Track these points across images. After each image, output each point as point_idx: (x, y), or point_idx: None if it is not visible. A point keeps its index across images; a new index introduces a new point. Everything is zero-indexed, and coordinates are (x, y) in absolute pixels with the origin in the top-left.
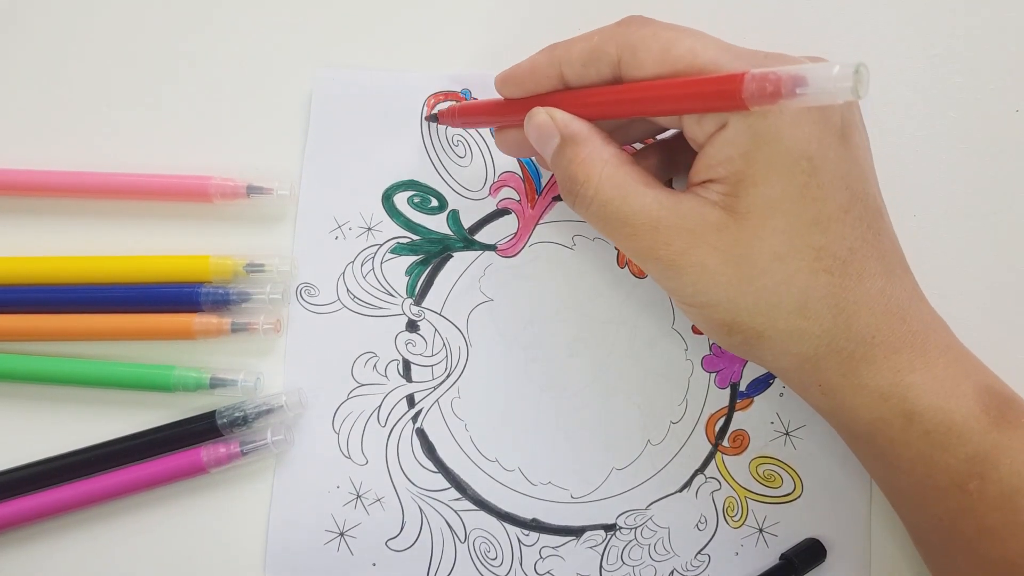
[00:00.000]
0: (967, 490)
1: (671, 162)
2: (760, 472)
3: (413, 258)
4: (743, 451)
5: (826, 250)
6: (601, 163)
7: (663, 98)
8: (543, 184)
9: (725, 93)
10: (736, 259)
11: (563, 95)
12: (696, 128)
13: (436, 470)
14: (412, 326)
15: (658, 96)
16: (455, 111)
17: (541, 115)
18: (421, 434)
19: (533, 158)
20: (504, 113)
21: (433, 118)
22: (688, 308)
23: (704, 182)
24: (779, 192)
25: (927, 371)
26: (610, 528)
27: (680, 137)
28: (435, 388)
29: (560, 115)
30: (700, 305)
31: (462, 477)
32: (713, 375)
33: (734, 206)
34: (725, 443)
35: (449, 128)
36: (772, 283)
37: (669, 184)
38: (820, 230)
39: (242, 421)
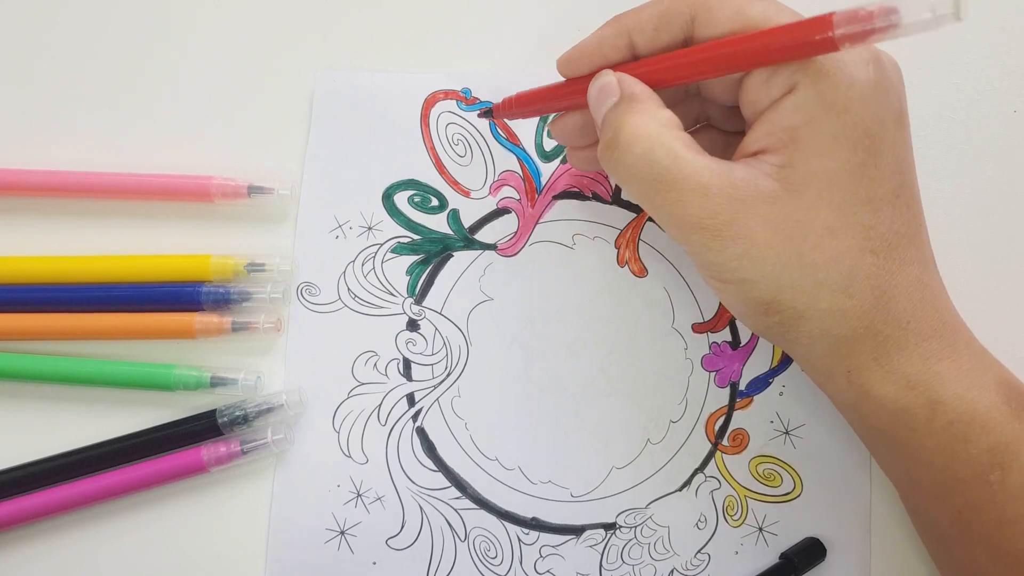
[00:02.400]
0: (988, 481)
1: (720, 143)
2: (760, 471)
3: (414, 257)
4: (743, 450)
5: (875, 230)
6: (655, 122)
7: (748, 52)
8: (543, 183)
9: (815, 33)
10: (787, 233)
11: (632, 65)
12: (761, 92)
13: (436, 469)
14: (412, 325)
15: (742, 50)
16: (512, 101)
17: (609, 76)
18: (421, 433)
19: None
20: (566, 95)
21: (487, 113)
22: (724, 286)
23: (756, 153)
24: (839, 166)
25: (954, 361)
26: (610, 527)
27: (708, 128)
28: (435, 387)
29: (627, 77)
30: (740, 281)
31: (462, 476)
32: (713, 374)
33: (789, 178)
34: (725, 442)
35: (449, 127)
36: (822, 259)
37: None
38: (871, 210)
39: (242, 420)
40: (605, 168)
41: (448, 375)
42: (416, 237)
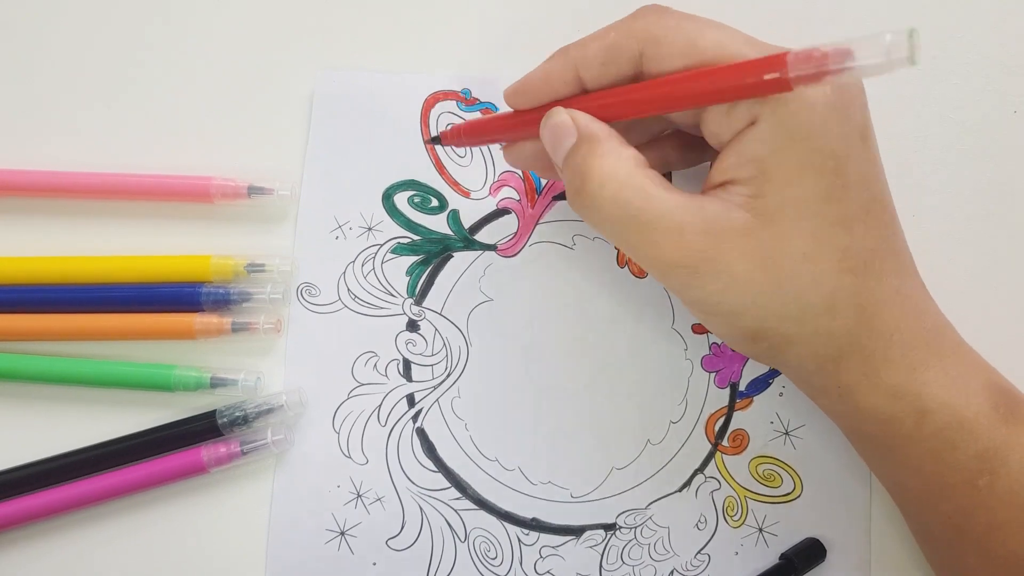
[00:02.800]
0: (977, 486)
1: (668, 158)
2: (760, 472)
3: (414, 258)
4: (743, 451)
5: (850, 250)
6: (621, 163)
7: (699, 91)
8: (543, 184)
9: (768, 72)
10: (764, 263)
11: (582, 99)
12: (723, 125)
13: (436, 469)
14: (412, 326)
15: (693, 89)
16: (460, 130)
17: (561, 115)
18: (421, 433)
19: (534, 171)
20: (516, 127)
21: (435, 140)
22: (711, 318)
23: (724, 183)
24: (808, 192)
25: (941, 368)
26: (610, 528)
27: (678, 133)
28: (435, 388)
29: (581, 115)
30: (725, 314)
31: (462, 476)
32: (713, 375)
33: (761, 208)
34: (725, 443)
35: (450, 127)
36: (801, 286)
37: (668, 178)
38: (844, 230)
39: (242, 421)
40: (576, 212)
41: (448, 376)
42: (416, 238)
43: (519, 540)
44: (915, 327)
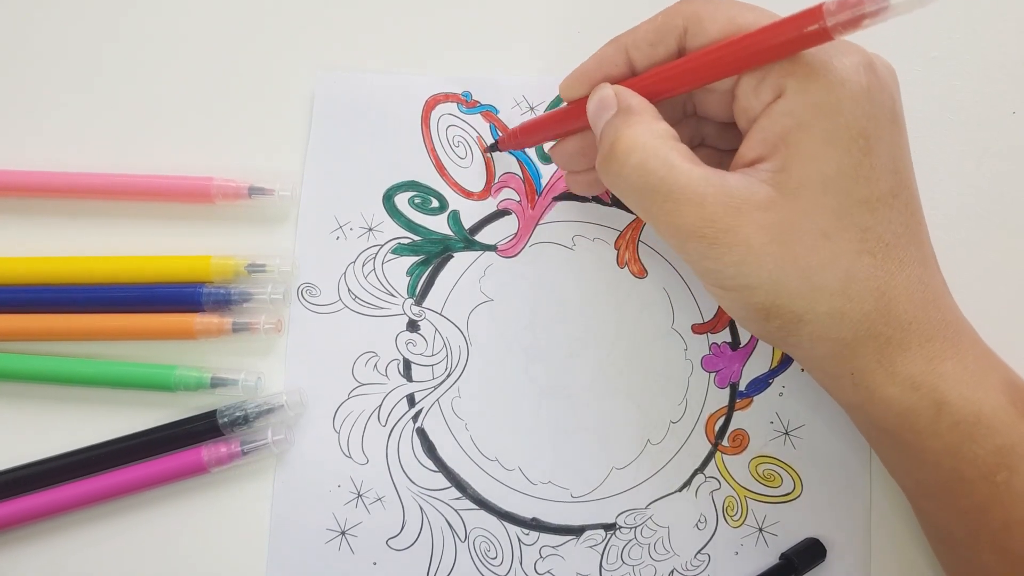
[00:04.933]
0: (994, 482)
1: (715, 162)
2: (760, 472)
3: (414, 258)
4: (743, 451)
5: (872, 232)
6: (651, 133)
7: (739, 53)
8: (543, 185)
9: (807, 25)
10: (782, 237)
11: (630, 81)
12: (752, 98)
13: (436, 469)
14: (413, 326)
15: (735, 53)
16: (516, 132)
17: (606, 89)
18: (421, 433)
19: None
20: (568, 118)
21: (493, 147)
22: (724, 293)
23: (752, 161)
24: (833, 168)
25: (958, 361)
26: (610, 527)
27: (724, 136)
28: (435, 388)
29: (624, 89)
30: (739, 288)
31: (462, 476)
32: (712, 375)
33: (784, 183)
34: (725, 443)
35: (450, 129)
36: (817, 263)
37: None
38: (868, 210)
39: (243, 420)
40: (603, 179)
41: (448, 376)
42: (416, 238)
43: (519, 540)
44: (934, 318)
